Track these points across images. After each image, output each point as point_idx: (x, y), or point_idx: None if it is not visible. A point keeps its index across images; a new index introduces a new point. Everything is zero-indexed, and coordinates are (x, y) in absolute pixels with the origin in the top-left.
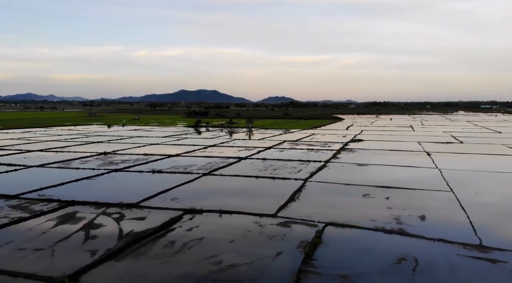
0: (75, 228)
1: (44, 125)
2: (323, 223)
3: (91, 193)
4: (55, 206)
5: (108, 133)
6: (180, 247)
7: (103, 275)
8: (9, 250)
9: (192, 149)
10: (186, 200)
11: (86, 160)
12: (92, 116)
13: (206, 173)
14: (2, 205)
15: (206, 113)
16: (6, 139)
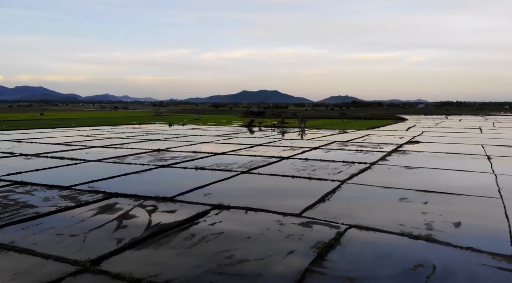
0: (110, 218)
1: (112, 124)
2: (346, 225)
3: (134, 187)
4: (99, 197)
5: (167, 131)
6: (199, 240)
7: (122, 262)
8: (48, 235)
9: (238, 148)
10: (217, 196)
11: (140, 156)
12: (157, 115)
13: (245, 171)
14: (54, 194)
15: (262, 113)
16: (76, 135)
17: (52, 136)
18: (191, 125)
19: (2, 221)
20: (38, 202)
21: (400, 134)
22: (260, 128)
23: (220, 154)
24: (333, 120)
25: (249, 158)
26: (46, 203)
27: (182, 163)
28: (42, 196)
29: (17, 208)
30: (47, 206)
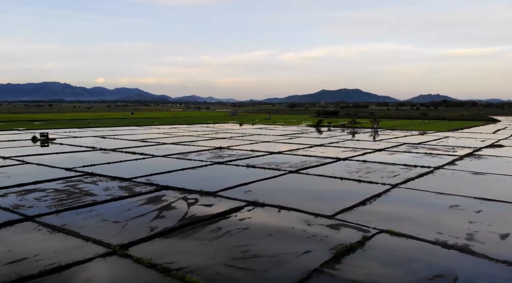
0: (153, 208)
1: (190, 123)
2: (377, 230)
3: (185, 181)
4: (151, 189)
5: (235, 130)
6: (223, 233)
7: (147, 248)
8: (95, 221)
9: (296, 148)
10: (257, 193)
11: (202, 153)
12: (233, 115)
13: (293, 170)
14: (114, 185)
15: (336, 113)
16: (154, 133)
17: (133, 133)
18: (260, 125)
19: (63, 206)
20: (98, 191)
21: (483, 137)
22: (329, 129)
23: (276, 153)
24: (413, 121)
25: (304, 158)
26: (104, 192)
27: (237, 161)
28: (104, 186)
29: (80, 195)
30: (104, 195)
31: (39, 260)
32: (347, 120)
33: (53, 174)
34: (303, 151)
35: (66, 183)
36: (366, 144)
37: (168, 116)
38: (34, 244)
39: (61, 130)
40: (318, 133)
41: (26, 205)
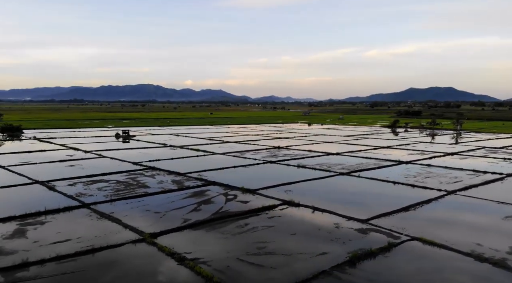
0: (193, 202)
1: (260, 122)
2: (409, 237)
3: (232, 178)
4: (199, 184)
5: (301, 130)
6: (248, 229)
7: (174, 238)
8: (140, 210)
9: (358, 149)
10: (296, 193)
11: (259, 151)
12: (305, 115)
13: (344, 172)
14: (168, 179)
15: (419, 113)
16: (223, 132)
17: (204, 132)
18: (330, 125)
19: (117, 196)
20: (152, 184)
21: None
22: (405, 130)
23: (334, 154)
24: (504, 123)
25: (362, 160)
26: (158, 185)
27: (289, 160)
28: (159, 179)
29: (135, 187)
30: (156, 187)
31: (79, 242)
32: (427, 121)
33: (120, 167)
34: (365, 152)
35: (128, 176)
36: (439, 146)
37: (242, 116)
38: (80, 227)
39: (143, 128)
40: (391, 134)
41: (87, 194)
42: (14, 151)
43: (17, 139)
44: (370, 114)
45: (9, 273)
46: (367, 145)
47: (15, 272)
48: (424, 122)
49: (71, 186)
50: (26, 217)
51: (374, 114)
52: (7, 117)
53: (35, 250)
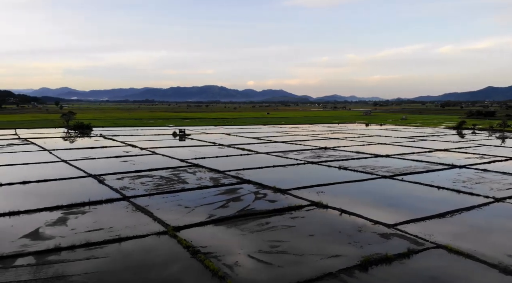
0: (224, 198)
1: (315, 122)
2: (434, 244)
3: (267, 177)
4: (234, 181)
5: (356, 131)
6: (267, 228)
7: (195, 232)
8: (172, 205)
9: (411, 151)
10: (328, 195)
11: (303, 152)
12: (366, 115)
13: (387, 175)
14: (207, 176)
15: (492, 114)
16: (273, 131)
17: (255, 131)
18: (390, 125)
19: (157, 191)
20: (191, 180)
21: None
22: (473, 131)
23: (383, 156)
24: None
25: (411, 163)
26: (196, 181)
27: (332, 162)
28: (199, 176)
29: (175, 182)
30: (194, 183)
31: (109, 231)
32: (497, 122)
33: (168, 164)
34: (418, 155)
35: (172, 172)
36: (504, 150)
37: (298, 116)
38: (115, 218)
39: (200, 127)
40: (455, 136)
41: (130, 187)
42: (79, 147)
43: (85, 136)
44: (438, 115)
45: (42, 256)
46: (423, 147)
47: (47, 255)
48: (495, 124)
49: (118, 180)
50: (72, 206)
51: (443, 115)
52: (80, 116)
53: (70, 237)
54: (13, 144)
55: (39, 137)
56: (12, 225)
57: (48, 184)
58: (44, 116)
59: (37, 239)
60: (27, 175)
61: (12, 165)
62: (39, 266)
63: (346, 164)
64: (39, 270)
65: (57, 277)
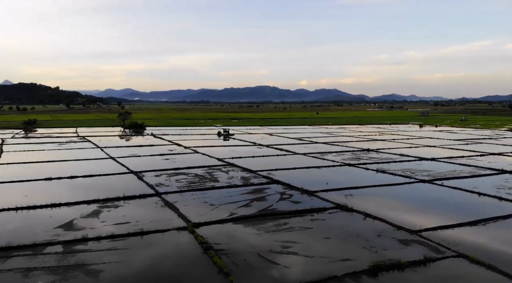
0: (249, 198)
1: (364, 123)
2: (456, 253)
3: (296, 178)
4: (263, 181)
5: (406, 132)
6: (284, 228)
7: (213, 229)
8: (199, 202)
9: (460, 155)
10: (356, 198)
11: (343, 153)
12: (422, 116)
13: (427, 180)
14: (238, 175)
15: None
16: (317, 132)
17: (298, 132)
18: (447, 127)
19: (188, 188)
20: (223, 179)
21: None
22: None
23: (427, 159)
24: None
25: (457, 167)
26: (226, 180)
27: (372, 164)
28: (231, 175)
29: (207, 181)
30: (224, 182)
31: (135, 225)
32: None
33: (205, 162)
34: (467, 159)
35: (207, 170)
36: None
37: (348, 116)
38: (143, 213)
39: (245, 127)
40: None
41: (165, 184)
42: (129, 145)
43: (138, 134)
44: (504, 116)
45: (69, 245)
46: (475, 150)
47: (74, 245)
48: None
49: (156, 177)
50: (107, 200)
51: (510, 116)
52: (138, 116)
53: (99, 228)
54: (71, 141)
55: (95, 136)
56: (51, 216)
57: (93, 179)
58: (105, 116)
59: (69, 229)
60: (76, 170)
61: (65, 161)
62: (64, 254)
63: (385, 167)
64: (63, 258)
65: (77, 265)
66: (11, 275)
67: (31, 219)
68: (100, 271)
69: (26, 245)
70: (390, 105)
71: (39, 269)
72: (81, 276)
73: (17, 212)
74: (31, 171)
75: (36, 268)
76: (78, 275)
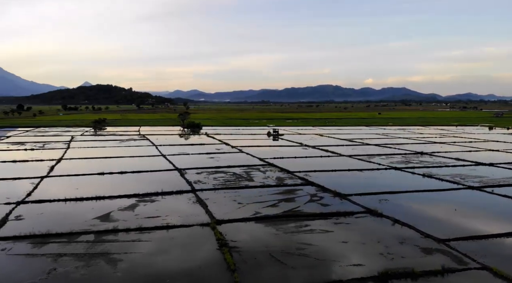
0: (278, 198)
1: (428, 124)
2: (480, 265)
3: (332, 180)
4: (298, 182)
5: (472, 135)
6: (304, 230)
7: (233, 226)
8: (229, 200)
9: None
10: (390, 203)
11: (392, 156)
12: (496, 117)
13: (476, 186)
14: (274, 175)
15: None
16: (372, 133)
17: (352, 133)
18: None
19: (223, 186)
20: (258, 178)
21: None
22: None
23: (485, 164)
24: None
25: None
26: (261, 180)
27: (420, 168)
28: (267, 175)
29: (243, 180)
30: (258, 182)
31: (164, 219)
32: None
33: (247, 161)
34: None
35: (246, 169)
36: None
37: (412, 117)
38: (174, 208)
39: (296, 127)
40: None
41: (202, 181)
42: (181, 143)
43: (193, 134)
44: None
45: (100, 235)
46: None
47: (104, 235)
48: None
49: (197, 174)
50: (146, 195)
51: None
52: (198, 116)
53: (130, 221)
54: (131, 139)
55: (154, 134)
56: (93, 207)
57: (140, 174)
58: (169, 116)
59: (104, 220)
60: (128, 166)
61: (120, 157)
62: (93, 243)
63: (434, 172)
64: (92, 246)
65: (101, 254)
66: (43, 259)
67: (75, 209)
68: (119, 260)
69: (64, 233)
70: (463, 105)
71: (68, 255)
72: (102, 264)
73: (65, 203)
74: (88, 165)
75: (66, 254)
76: (100, 263)
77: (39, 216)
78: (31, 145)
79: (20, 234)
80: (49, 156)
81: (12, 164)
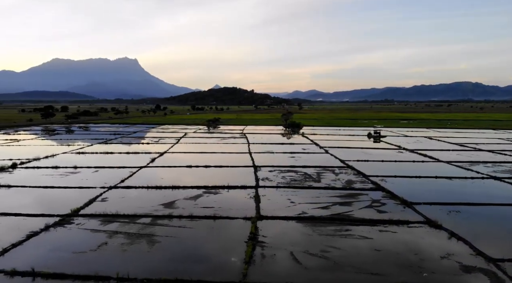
0: (333, 201)
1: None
2: None
3: (407, 187)
4: (367, 187)
5: None
6: (341, 235)
7: (273, 224)
8: (283, 198)
9: None
10: (460, 216)
11: (499, 164)
12: None
13: None
14: (346, 178)
15: None
16: (491, 138)
17: (471, 137)
18: None
19: (286, 184)
20: (327, 180)
21: None
22: None
23: None
24: None
25: None
26: (329, 181)
27: None
28: (338, 177)
29: (309, 180)
30: (325, 183)
31: (216, 210)
32: None
33: (326, 162)
34: None
35: (319, 170)
36: None
37: None
38: (231, 201)
39: (407, 129)
40: None
41: (269, 179)
42: (272, 142)
43: (291, 133)
44: None
45: (156, 219)
46: None
47: (159, 219)
48: None
49: (269, 172)
50: (213, 188)
51: None
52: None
53: (188, 209)
54: (232, 137)
55: (254, 133)
56: (165, 195)
57: (220, 168)
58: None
59: (167, 207)
60: (214, 160)
61: (213, 152)
62: (147, 225)
63: None
64: (144, 228)
65: (147, 235)
66: (101, 235)
67: (149, 196)
68: (158, 242)
69: (128, 215)
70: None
71: (122, 233)
72: (143, 243)
73: (147, 190)
74: (183, 158)
75: (121, 232)
76: (141, 242)
77: (120, 200)
78: (148, 140)
79: (96, 213)
80: (157, 149)
81: (125, 155)
